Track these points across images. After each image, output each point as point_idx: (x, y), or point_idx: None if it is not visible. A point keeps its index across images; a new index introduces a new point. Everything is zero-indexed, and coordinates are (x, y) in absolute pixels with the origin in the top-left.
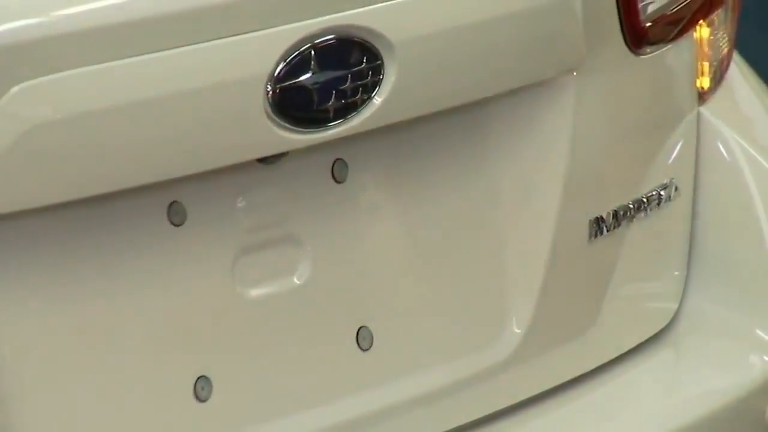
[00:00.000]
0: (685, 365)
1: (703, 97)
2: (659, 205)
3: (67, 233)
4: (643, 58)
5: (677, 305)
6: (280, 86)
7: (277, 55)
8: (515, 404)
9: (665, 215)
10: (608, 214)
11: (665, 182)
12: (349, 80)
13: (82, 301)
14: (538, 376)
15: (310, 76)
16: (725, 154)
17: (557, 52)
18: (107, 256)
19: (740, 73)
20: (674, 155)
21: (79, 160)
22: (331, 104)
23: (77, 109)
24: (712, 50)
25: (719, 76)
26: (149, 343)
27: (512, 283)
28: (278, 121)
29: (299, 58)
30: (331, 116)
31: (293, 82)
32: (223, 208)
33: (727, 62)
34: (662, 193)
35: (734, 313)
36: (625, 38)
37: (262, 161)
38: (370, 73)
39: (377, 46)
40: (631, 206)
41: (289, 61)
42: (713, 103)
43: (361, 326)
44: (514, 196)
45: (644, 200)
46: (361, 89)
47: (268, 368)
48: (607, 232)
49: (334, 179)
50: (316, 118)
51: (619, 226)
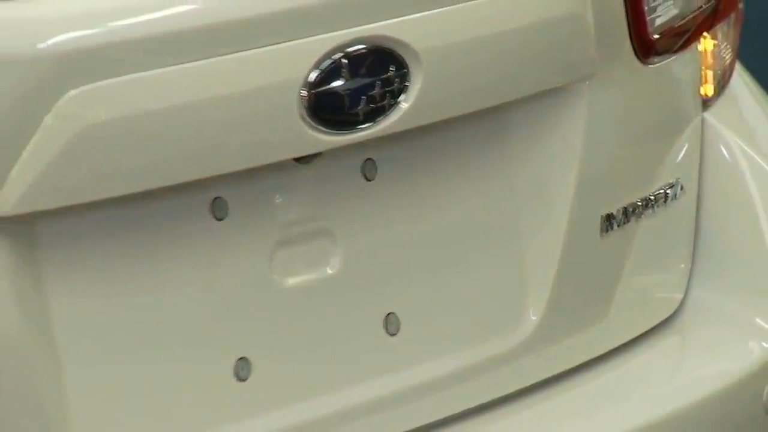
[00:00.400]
0: (689, 350)
1: (707, 103)
2: (666, 203)
3: (120, 225)
4: (651, 67)
5: (682, 295)
6: (314, 91)
7: (311, 62)
8: (532, 385)
9: (671, 212)
10: (618, 210)
11: (671, 182)
12: (377, 86)
13: (132, 287)
14: (553, 359)
15: (341, 82)
16: (727, 156)
17: (571, 61)
18: (156, 246)
19: (742, 81)
20: (680, 157)
21: (129, 158)
22: (361, 108)
23: (129, 111)
24: (715, 60)
25: (722, 84)
26: (193, 326)
27: (529, 273)
28: (312, 123)
29: (332, 65)
30: (361, 119)
31: (326, 87)
32: (262, 203)
33: (729, 71)
34: (669, 192)
35: (735, 303)
36: (634, 49)
37: (297, 160)
38: (397, 79)
39: (404, 55)
40: (639, 204)
41: (322, 68)
42: (716, 109)
43: (388, 313)
44: (531, 193)
45: (652, 198)
46: (388, 94)
47: (302, 351)
48: (617, 227)
49: (364, 177)
50: (347, 120)
51: (628, 222)
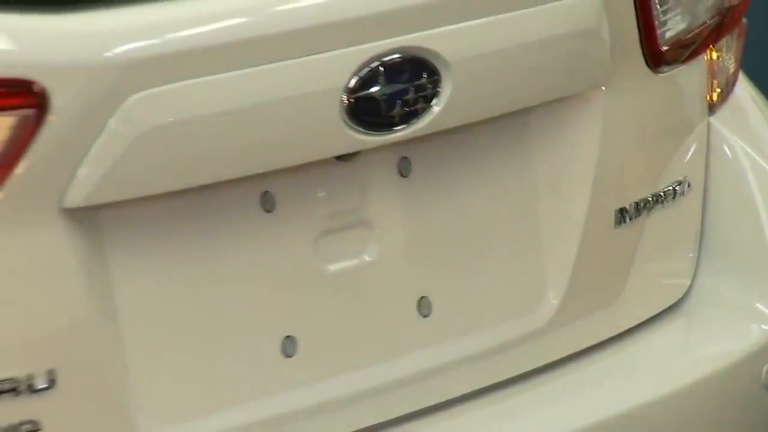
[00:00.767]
0: (695, 332)
1: (712, 108)
2: (674, 198)
3: (177, 216)
4: (661, 76)
5: (689, 282)
6: (353, 96)
7: (351, 70)
8: (552, 362)
9: (680, 207)
10: (631, 205)
11: (680, 179)
12: (411, 91)
13: (188, 271)
14: (572, 339)
15: (378, 88)
16: (731, 156)
17: (588, 70)
18: (210, 235)
19: (745, 89)
20: (687, 157)
21: (185, 156)
22: (396, 111)
23: (185, 114)
24: (720, 70)
25: (727, 91)
26: (244, 307)
27: (550, 262)
28: (351, 125)
29: (370, 73)
30: (396, 121)
31: (365, 93)
32: (306, 197)
33: (733, 80)
34: (677, 188)
35: (737, 289)
36: (646, 59)
37: (338, 158)
38: (429, 85)
39: (435, 63)
40: (650, 199)
41: (361, 75)
42: (721, 114)
43: (422, 296)
44: (551, 189)
45: (662, 194)
46: (421, 99)
47: (343, 330)
48: (630, 220)
49: (399, 174)
50: (383, 122)
51: (640, 215)
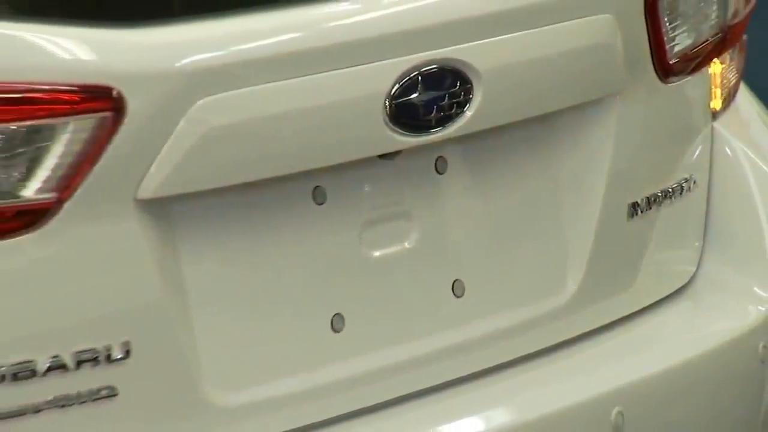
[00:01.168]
0: (700, 313)
1: (716, 115)
2: (682, 194)
3: (239, 206)
4: (669, 85)
5: (695, 268)
6: (395, 102)
7: (393, 79)
8: (571, 339)
9: (686, 202)
10: (642, 200)
11: (686, 177)
12: (446, 98)
13: (248, 255)
14: (588, 318)
15: (417, 94)
16: (732, 156)
17: (604, 79)
18: (267, 224)
19: (745, 97)
20: (693, 157)
21: (245, 154)
22: (433, 115)
23: (246, 117)
24: (723, 80)
25: (729, 99)
26: (298, 288)
27: (569, 250)
28: (393, 127)
29: (410, 81)
30: (433, 124)
31: (405, 99)
32: (353, 191)
33: (735, 89)
34: (684, 185)
35: (737, 274)
36: (656, 71)
37: (381, 157)
38: (462, 92)
39: (468, 73)
40: (660, 194)
41: (402, 83)
42: (724, 119)
43: (455, 279)
44: (571, 184)
45: (670, 190)
46: (455, 104)
47: (386, 309)
48: (641, 213)
49: (436, 171)
50: (421, 125)
51: (650, 209)
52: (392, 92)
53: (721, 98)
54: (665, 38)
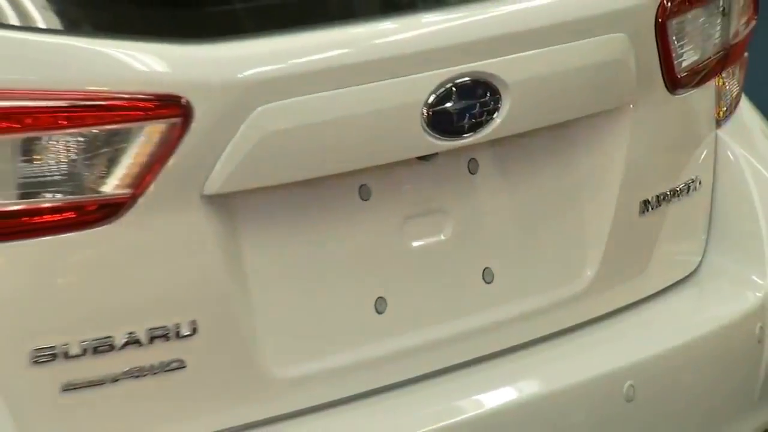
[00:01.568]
0: (704, 298)
1: (719, 123)
2: (688, 193)
3: (293, 201)
4: (677, 97)
5: (700, 258)
6: (431, 110)
7: (430, 89)
8: (588, 320)
9: (692, 200)
10: (653, 197)
11: (692, 178)
12: (477, 106)
13: (301, 245)
14: (604, 302)
15: (451, 103)
16: (733, 160)
17: (618, 90)
18: (319, 217)
19: (746, 108)
20: (699, 160)
21: (299, 155)
22: (465, 122)
23: (300, 122)
24: (725, 92)
25: (731, 109)
26: (345, 274)
27: (587, 241)
28: (430, 132)
29: (445, 91)
30: (465, 129)
31: (441, 107)
32: (395, 189)
33: (736, 101)
34: (690, 185)
35: (736, 264)
36: (665, 83)
37: (420, 158)
38: (491, 102)
39: (497, 84)
40: (668, 193)
41: (438, 93)
42: (726, 127)
43: (485, 267)
44: (588, 183)
45: (678, 189)
46: (485, 112)
47: (424, 293)
48: (652, 209)
49: (469, 171)
50: (455, 130)
51: (660, 206)
52: (429, 101)
53: (723, 108)
54: (674, 55)
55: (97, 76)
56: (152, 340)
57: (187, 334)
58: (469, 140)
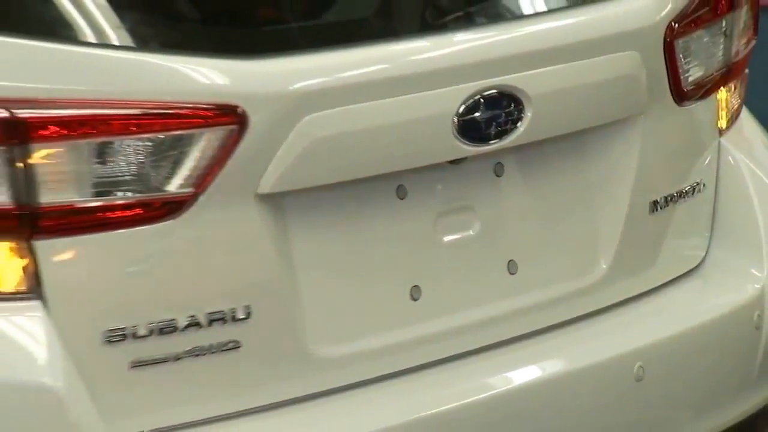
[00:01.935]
0: (707, 288)
1: (721, 132)
2: (693, 194)
3: (337, 199)
4: (684, 108)
5: (704, 253)
6: (462, 119)
7: (460, 100)
8: (602, 308)
9: (697, 200)
10: (661, 198)
11: (697, 181)
12: (503, 116)
13: (346, 239)
14: (616, 292)
15: (479, 113)
16: (734, 165)
17: (630, 102)
18: (360, 214)
19: (746, 118)
20: (703, 165)
21: (342, 159)
22: (492, 130)
23: (344, 129)
24: (728, 105)
25: (732, 120)
26: (384, 264)
27: (602, 237)
28: (460, 139)
29: (473, 102)
30: (492, 136)
31: (470, 116)
32: (429, 189)
33: (737, 112)
34: (695, 187)
35: (737, 258)
36: (673, 96)
37: (451, 162)
38: (515, 112)
39: (520, 96)
40: (675, 194)
41: (467, 104)
42: (728, 135)
43: (510, 259)
44: (603, 185)
45: (684, 191)
46: (510, 121)
47: (454, 282)
48: (661, 209)
49: (495, 174)
50: (483, 137)
51: (668, 206)
52: (460, 111)
53: (726, 119)
54: (680, 70)
55: (164, 87)
56: (211, 322)
57: (241, 317)
58: (494, 146)
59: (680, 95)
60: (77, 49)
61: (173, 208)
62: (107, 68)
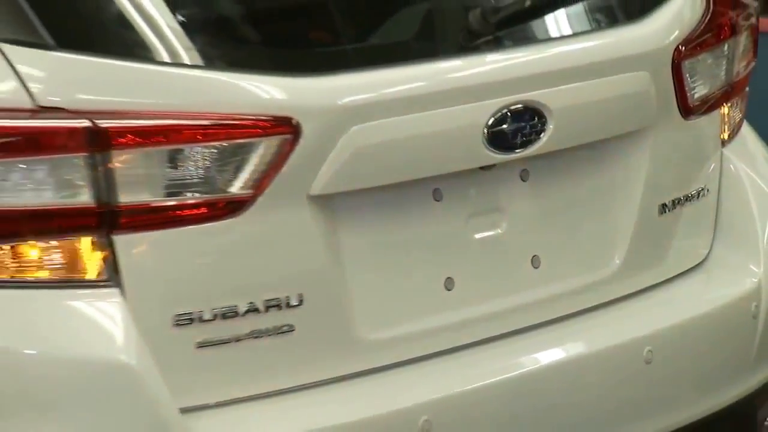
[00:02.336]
0: (710, 282)
1: (724, 143)
2: (698, 198)
3: (380, 200)
4: (690, 121)
5: (707, 251)
6: (491, 130)
7: (490, 113)
8: (616, 299)
9: (702, 203)
10: (669, 201)
11: (702, 186)
12: (528, 128)
13: (388, 236)
14: (630, 285)
15: (507, 125)
16: (735, 172)
17: (641, 116)
18: (402, 214)
19: (747, 131)
20: (707, 173)
21: (385, 164)
22: (518, 140)
23: (386, 139)
24: (730, 119)
25: (734, 132)
26: (422, 259)
27: (616, 236)
28: (489, 147)
29: (501, 115)
30: (518, 146)
31: (498, 128)
32: (462, 192)
33: (739, 126)
34: (700, 192)
35: (737, 255)
36: (680, 111)
37: (481, 168)
38: (539, 124)
39: (543, 110)
40: (682, 198)
41: (496, 117)
42: (730, 146)
43: (534, 255)
44: (617, 190)
45: (690, 195)
46: (534, 132)
47: (484, 275)
48: (669, 211)
49: (521, 179)
50: (510, 146)
51: (675, 208)
52: (489, 123)
53: (728, 131)
54: (687, 88)
55: (228, 101)
56: (268, 308)
57: (295, 304)
58: (520, 154)
59: (687, 110)
60: (152, 67)
61: (235, 207)
62: (179, 84)
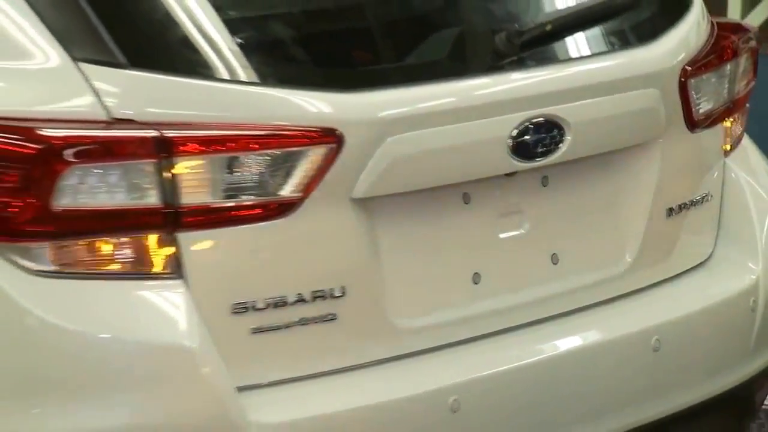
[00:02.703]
0: (713, 278)
1: (726, 154)
2: (703, 203)
3: (417, 204)
4: (695, 134)
5: (711, 250)
6: (515, 140)
7: (513, 126)
8: (627, 293)
9: (706, 207)
10: (676, 205)
11: (706, 192)
12: (548, 138)
13: (421, 235)
14: (639, 280)
15: (529, 136)
16: (736, 180)
17: (650, 129)
18: (434, 216)
19: (747, 143)
20: (711, 180)
21: (419, 171)
22: (539, 149)
23: (420, 148)
24: (732, 132)
25: (735, 144)
26: (452, 256)
27: (628, 236)
28: (513, 156)
29: (524, 127)
30: (539, 155)
31: (521, 138)
32: (489, 195)
33: (740, 138)
34: (704, 197)
35: (737, 254)
36: (686, 124)
37: (506, 175)
38: (558, 135)
39: (562, 123)
40: (688, 203)
41: (519, 129)
42: (732, 157)
43: (553, 253)
44: (629, 195)
45: (695, 200)
46: (553, 143)
47: (508, 270)
48: (676, 214)
49: (542, 184)
50: (531, 155)
51: (681, 211)
52: (513, 134)
53: (730, 143)
54: (692, 104)
55: (279, 114)
56: (314, 299)
57: (338, 295)
58: (541, 162)
59: (692, 124)
60: (212, 84)
61: (285, 208)
62: (236, 99)
